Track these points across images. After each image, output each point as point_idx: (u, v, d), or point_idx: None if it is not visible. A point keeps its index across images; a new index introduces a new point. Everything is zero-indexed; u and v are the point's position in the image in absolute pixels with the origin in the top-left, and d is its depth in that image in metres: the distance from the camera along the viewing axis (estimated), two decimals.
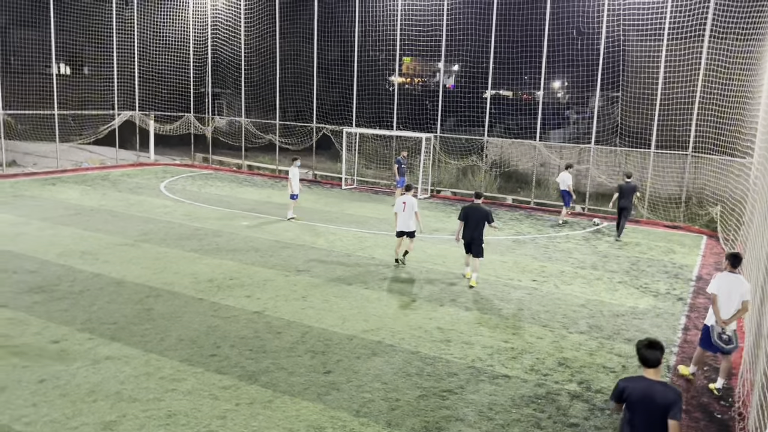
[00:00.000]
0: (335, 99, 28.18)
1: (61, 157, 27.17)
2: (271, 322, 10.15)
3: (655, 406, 5.14)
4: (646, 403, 5.19)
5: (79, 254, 13.64)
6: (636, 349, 5.38)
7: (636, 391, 5.25)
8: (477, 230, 12.61)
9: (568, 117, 31.75)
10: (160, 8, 29.94)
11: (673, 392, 5.21)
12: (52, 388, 7.67)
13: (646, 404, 5.19)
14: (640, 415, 5.23)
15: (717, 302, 8.37)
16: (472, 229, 12.63)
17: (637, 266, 14.95)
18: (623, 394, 5.32)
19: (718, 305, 8.36)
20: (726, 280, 8.38)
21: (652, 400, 5.16)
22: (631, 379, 5.42)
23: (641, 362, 5.33)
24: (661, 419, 5.12)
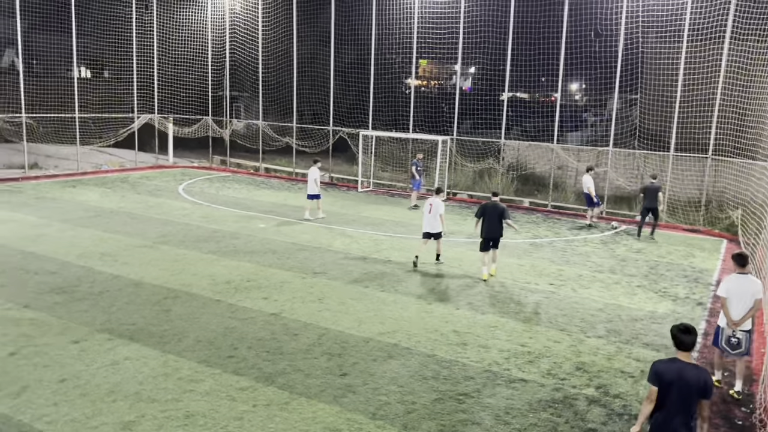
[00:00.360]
0: (352, 102, 28.25)
1: (81, 160, 27.53)
2: (287, 324, 10.20)
3: (688, 387, 5.44)
4: (680, 384, 5.47)
5: (99, 256, 13.81)
6: (671, 333, 5.68)
7: (671, 373, 5.52)
8: (495, 227, 13.31)
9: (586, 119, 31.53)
10: (179, 12, 30.25)
11: (705, 373, 5.56)
12: (72, 388, 7.78)
13: (680, 385, 5.47)
14: (673, 396, 5.50)
15: (726, 305, 8.38)
16: (490, 225, 13.31)
17: (655, 270, 14.80)
18: (660, 376, 5.56)
19: (729, 306, 8.35)
20: (735, 281, 8.42)
21: (687, 381, 5.46)
22: (665, 362, 5.66)
23: (677, 346, 5.63)
24: (693, 399, 5.46)
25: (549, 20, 22.82)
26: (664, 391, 5.55)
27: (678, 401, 5.49)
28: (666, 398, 5.54)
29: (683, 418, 5.51)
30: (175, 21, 30.17)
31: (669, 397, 5.52)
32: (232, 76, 31.57)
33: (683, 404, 5.48)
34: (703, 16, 19.76)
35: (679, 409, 5.50)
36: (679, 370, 5.52)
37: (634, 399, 8.15)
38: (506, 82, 23.98)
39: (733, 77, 19.26)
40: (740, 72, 19.02)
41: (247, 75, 30.77)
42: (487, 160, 24.94)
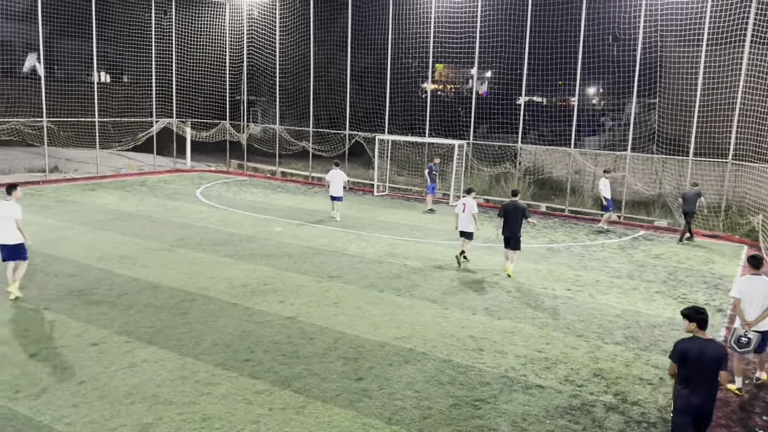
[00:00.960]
0: (368, 106, 28.32)
1: (100, 163, 27.87)
2: (303, 328, 10.22)
3: (708, 361, 6.16)
4: (702, 359, 6.15)
5: (118, 258, 13.96)
6: (687, 315, 6.43)
7: (694, 350, 6.19)
8: (516, 225, 13.82)
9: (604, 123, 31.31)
10: (197, 18, 30.56)
11: (721, 347, 6.31)
12: (91, 390, 7.86)
13: (702, 360, 6.15)
14: (695, 369, 6.18)
15: (739, 305, 8.55)
16: (512, 224, 13.84)
17: (674, 276, 14.64)
18: (685, 354, 6.20)
19: (743, 307, 8.52)
20: (748, 282, 8.57)
21: (707, 356, 6.16)
22: (688, 341, 6.31)
23: (699, 325, 6.33)
24: (713, 371, 6.18)
25: (566, 24, 22.71)
26: (690, 366, 6.18)
27: (703, 375, 6.17)
28: (691, 373, 6.20)
29: (708, 390, 6.20)
30: (193, 26, 30.48)
31: (693, 372, 6.18)
32: (249, 80, 31.81)
33: (708, 377, 6.18)
34: (723, 19, 19.54)
35: (704, 382, 6.18)
36: (700, 346, 6.19)
37: (652, 406, 8.06)
38: (523, 86, 23.90)
39: (754, 81, 19.01)
40: (761, 75, 18.77)
41: (264, 79, 30.98)
42: (504, 164, 24.85)
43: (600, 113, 31.88)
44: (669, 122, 22.22)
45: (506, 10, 23.94)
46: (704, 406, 6.22)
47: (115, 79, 34.43)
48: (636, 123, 22.35)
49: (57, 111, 26.26)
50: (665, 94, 22.55)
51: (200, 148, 33.26)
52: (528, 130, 26.79)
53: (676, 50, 22.52)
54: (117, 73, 34.22)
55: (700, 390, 6.19)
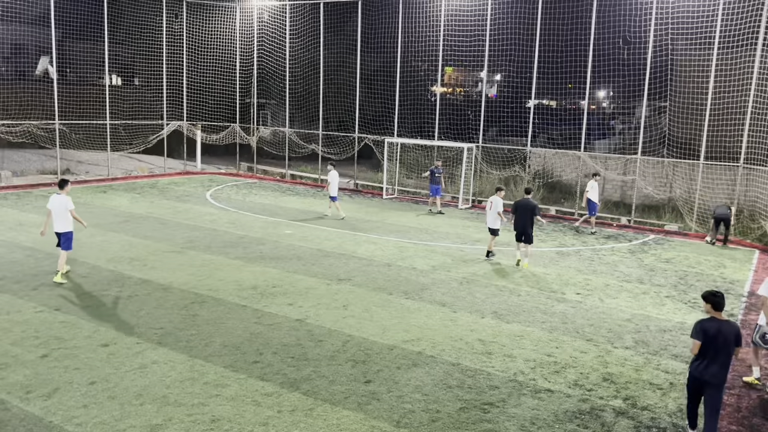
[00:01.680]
0: (377, 109, 28.36)
1: (112, 166, 28.07)
2: (312, 330, 10.25)
3: (724, 338, 6.99)
4: (719, 336, 6.99)
5: (128, 260, 14.05)
6: (707, 297, 7.23)
7: (713, 329, 7.03)
8: (527, 221, 14.68)
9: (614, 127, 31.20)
10: (208, 21, 30.74)
11: (736, 326, 7.18)
12: (101, 391, 7.91)
13: (718, 337, 6.99)
14: (713, 345, 7.00)
15: (767, 304, 8.69)
16: (523, 220, 14.72)
17: (685, 280, 14.55)
18: (705, 332, 7.03)
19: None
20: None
21: (723, 334, 7.01)
22: (707, 320, 7.16)
23: (714, 307, 7.16)
24: (729, 347, 7.02)
25: (576, 27, 22.66)
26: (708, 343, 7.02)
27: (720, 350, 6.99)
28: (708, 348, 7.02)
29: (722, 364, 7.03)
30: (204, 30, 30.66)
31: (711, 348, 7.01)
32: (259, 83, 31.93)
33: (723, 352, 7.01)
34: (734, 23, 19.43)
35: (719, 356, 7.01)
36: (718, 325, 7.04)
37: (662, 411, 8.02)
38: (532, 89, 23.85)
39: (766, 84, 18.88)
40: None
41: (274, 83, 31.10)
42: (513, 167, 24.81)
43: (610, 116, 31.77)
44: (679, 126, 22.10)
45: (516, 13, 23.91)
46: (717, 376, 7.03)
47: (127, 82, 34.68)
48: (646, 126, 22.24)
49: (69, 113, 26.49)
50: (676, 98, 22.43)
51: (210, 151, 33.42)
52: (537, 133, 26.72)
53: (687, 53, 22.40)
54: (128, 75, 34.47)
55: (715, 363, 7.02)
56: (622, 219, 22.31)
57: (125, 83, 34.58)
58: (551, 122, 28.48)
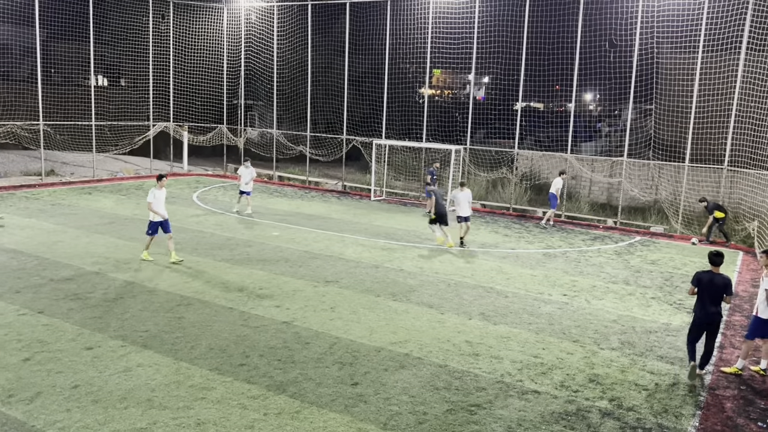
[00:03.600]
0: (365, 111, 28.36)
1: (97, 167, 27.83)
2: (299, 333, 10.20)
3: (715, 287, 8.95)
4: (710, 285, 8.96)
5: (114, 262, 13.92)
6: (709, 256, 9.09)
7: (705, 278, 9.02)
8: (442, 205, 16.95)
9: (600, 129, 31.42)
10: (195, 22, 30.58)
11: (726, 278, 9.02)
12: (85, 394, 7.82)
13: (710, 285, 8.97)
14: (706, 293, 8.97)
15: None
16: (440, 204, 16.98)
17: (670, 282, 14.66)
18: (699, 280, 9.04)
19: None
20: None
21: (715, 283, 8.95)
22: (703, 272, 9.11)
23: (711, 263, 9.05)
24: (720, 294, 8.95)
25: (563, 30, 22.78)
26: (702, 289, 8.99)
27: (711, 296, 8.95)
28: (703, 294, 8.99)
29: (714, 307, 8.98)
30: (191, 30, 30.50)
31: (705, 293, 8.97)
32: (246, 84, 31.82)
33: (714, 297, 8.96)
34: (719, 26, 19.63)
35: (712, 301, 8.96)
36: (711, 276, 9.00)
37: (648, 412, 8.06)
38: (520, 92, 23.95)
39: (750, 88, 19.10)
40: (756, 83, 18.86)
41: (261, 84, 31.00)
42: (501, 169, 24.89)
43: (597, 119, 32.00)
44: (665, 128, 22.29)
45: (503, 16, 24.02)
46: (711, 317, 8.96)
47: (113, 83, 34.42)
48: (632, 129, 22.41)
49: (54, 114, 26.24)
50: (661, 101, 22.62)
51: (197, 152, 33.24)
52: (525, 135, 26.85)
53: (672, 57, 22.61)
54: (114, 76, 34.22)
55: (709, 306, 8.96)
56: (609, 221, 22.45)
57: (111, 84, 34.32)
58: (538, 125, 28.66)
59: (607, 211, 23.87)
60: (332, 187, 28.17)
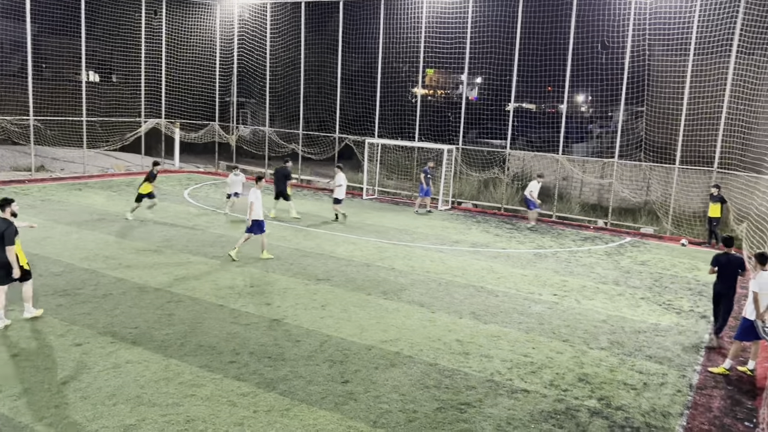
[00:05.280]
0: (358, 110, 28.34)
1: (87, 163, 27.67)
2: (290, 331, 10.19)
3: (732, 266, 10.58)
4: (728, 263, 10.61)
5: (103, 259, 13.85)
6: (723, 239, 11.02)
7: (723, 259, 10.66)
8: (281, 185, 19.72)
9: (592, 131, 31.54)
10: (187, 18, 30.45)
11: (741, 257, 10.94)
12: (73, 391, 7.78)
13: (728, 264, 10.61)
14: (724, 270, 10.61)
15: (759, 299, 9.30)
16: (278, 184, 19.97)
17: (660, 282, 14.75)
18: (717, 261, 10.67)
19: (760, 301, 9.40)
20: (765, 278, 9.34)
21: (731, 262, 10.61)
22: (721, 254, 10.77)
23: (725, 245, 10.78)
24: (734, 271, 10.57)
25: (556, 31, 22.86)
26: (721, 268, 10.62)
27: (728, 273, 10.57)
28: (722, 272, 10.64)
29: (730, 282, 10.61)
30: (183, 27, 30.37)
31: (723, 271, 10.62)
32: (239, 82, 31.73)
33: (731, 274, 10.57)
34: (710, 29, 19.77)
35: (729, 277, 10.58)
36: (727, 257, 10.65)
37: (636, 411, 8.11)
38: (512, 92, 24.01)
39: (740, 90, 19.24)
40: (746, 85, 19.00)
41: (254, 81, 30.91)
42: (492, 169, 24.95)
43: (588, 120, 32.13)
44: (656, 130, 22.42)
45: (497, 17, 24.06)
46: (727, 290, 10.67)
47: (104, 79, 34.21)
48: (623, 130, 22.52)
49: (44, 109, 26.06)
50: (653, 103, 22.75)
51: (189, 149, 33.10)
52: (517, 135, 26.92)
53: (663, 59, 22.74)
54: (106, 72, 34.00)
55: (725, 282, 10.63)
56: (599, 221, 22.56)
57: (103, 80, 34.10)
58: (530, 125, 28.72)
59: (598, 211, 23.97)
60: (324, 185, 28.14)
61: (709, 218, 19.19)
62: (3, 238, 9.43)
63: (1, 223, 9.50)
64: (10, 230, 9.52)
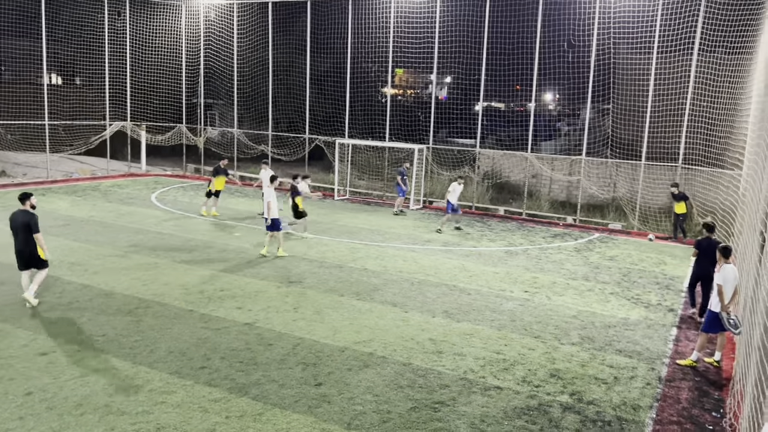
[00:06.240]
0: (328, 110, 28.23)
1: (51, 168, 27.04)
2: (262, 334, 10.08)
3: (712, 249, 11.07)
4: (708, 247, 11.51)
5: (68, 265, 13.53)
6: (704, 224, 12.24)
7: (704, 243, 11.74)
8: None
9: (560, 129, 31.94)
10: (152, 19, 29.97)
11: (718, 242, 11.48)
12: (39, 401, 7.57)
13: (708, 248, 11.49)
14: (704, 253, 11.63)
15: (723, 291, 9.46)
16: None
17: (628, 277, 14.99)
18: (699, 245, 11.82)
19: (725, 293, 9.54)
20: (728, 271, 9.54)
21: (711, 245, 11.33)
22: (702, 238, 11.90)
23: (707, 230, 11.97)
24: (713, 254, 10.73)
25: (523, 31, 23.08)
26: (702, 252, 11.69)
27: (708, 256, 11.38)
28: (703, 256, 11.68)
29: (710, 265, 11.28)
30: (148, 27, 29.87)
31: (703, 254, 11.67)
32: (206, 83, 31.34)
33: (711, 257, 11.12)
34: (673, 28, 20.17)
35: (708, 260, 11.35)
36: (708, 241, 11.70)
37: (607, 405, 8.21)
38: (481, 92, 24.17)
39: (702, 88, 19.67)
40: (708, 83, 19.44)
41: (221, 82, 30.57)
42: (463, 168, 25.08)
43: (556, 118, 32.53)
44: (622, 127, 22.79)
45: (464, 17, 24.21)
46: (706, 271, 11.47)
47: (67, 81, 33.48)
48: (591, 128, 22.84)
49: (4, 113, 25.38)
50: (618, 100, 23.12)
51: (156, 152, 32.59)
52: (486, 134, 27.12)
53: (628, 57, 23.13)
54: (69, 75, 33.28)
55: (704, 263, 11.61)
56: (568, 218, 22.84)
57: (66, 82, 33.37)
58: (499, 124, 28.98)
59: (567, 208, 24.27)
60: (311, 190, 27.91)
61: (675, 214, 19.60)
62: (30, 226, 10.67)
63: (25, 214, 10.79)
64: (35, 219, 10.77)
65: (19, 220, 10.76)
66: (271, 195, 15.15)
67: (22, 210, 10.85)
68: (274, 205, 15.08)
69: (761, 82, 14.21)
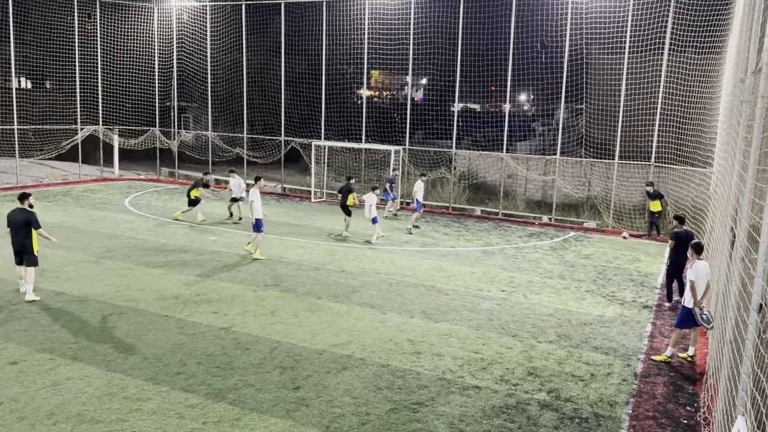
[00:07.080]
0: (303, 112, 28.12)
1: (21, 173, 26.50)
2: (239, 338, 9.98)
3: (688, 239, 11.55)
4: (686, 238, 12.04)
5: (40, 272, 13.24)
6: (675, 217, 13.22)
7: (682, 234, 12.40)
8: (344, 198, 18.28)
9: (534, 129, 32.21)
10: (124, 21, 29.56)
11: (692, 232, 12.76)
12: (9, 411, 7.40)
13: (685, 239, 12.00)
14: (681, 244, 12.16)
15: (696, 287, 9.53)
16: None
17: (603, 275, 15.15)
18: (677, 236, 12.39)
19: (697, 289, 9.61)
20: (700, 267, 9.65)
21: (688, 236, 12.17)
22: (678, 231, 12.53)
23: (680, 222, 12.86)
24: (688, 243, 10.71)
25: (497, 32, 23.25)
26: (680, 242, 12.19)
27: (684, 247, 11.62)
28: (681, 246, 12.10)
29: (685, 254, 11.57)
30: (119, 30, 29.47)
31: (682, 246, 11.97)
32: (180, 86, 31.01)
33: (684, 249, 11.66)
34: (643, 28, 20.48)
35: (683, 250, 11.80)
36: (685, 232, 12.47)
37: (584, 402, 8.28)
38: (456, 93, 24.27)
39: (673, 87, 20.00)
40: (679, 82, 19.77)
41: (195, 85, 30.27)
42: (439, 169, 25.16)
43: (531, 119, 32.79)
44: (596, 127, 23.07)
45: (439, 19, 24.30)
46: (684, 260, 12.06)
47: (37, 85, 32.85)
48: (565, 128, 23.08)
49: None
50: (591, 100, 23.40)
51: (129, 156, 32.15)
52: (462, 135, 27.24)
53: (600, 58, 23.43)
54: (38, 78, 32.65)
55: (682, 254, 12.09)
56: (544, 217, 23.04)
57: (35, 86, 32.73)
58: (475, 125, 29.12)
59: (542, 208, 24.49)
60: (271, 189, 27.79)
61: (650, 212, 19.90)
62: (30, 223, 11.38)
63: (24, 212, 11.46)
64: (34, 216, 11.48)
65: (18, 218, 11.42)
66: (255, 196, 15.19)
67: (20, 208, 11.51)
68: (257, 206, 15.10)
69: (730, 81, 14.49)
